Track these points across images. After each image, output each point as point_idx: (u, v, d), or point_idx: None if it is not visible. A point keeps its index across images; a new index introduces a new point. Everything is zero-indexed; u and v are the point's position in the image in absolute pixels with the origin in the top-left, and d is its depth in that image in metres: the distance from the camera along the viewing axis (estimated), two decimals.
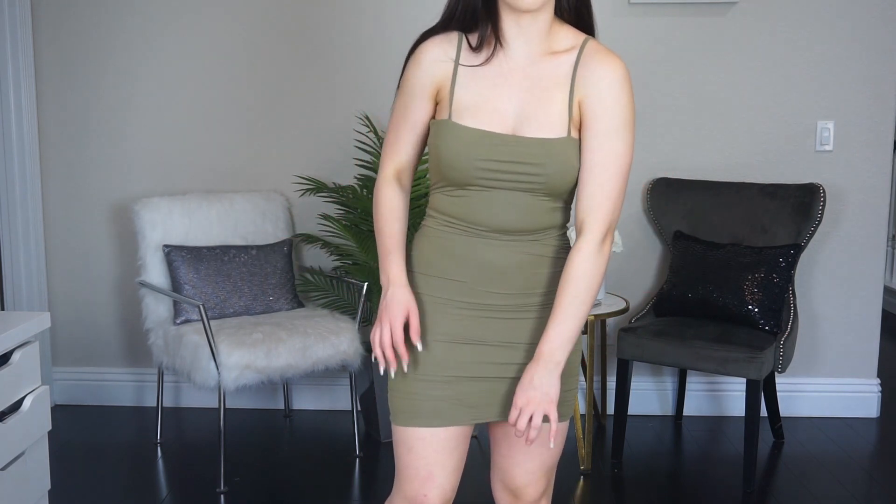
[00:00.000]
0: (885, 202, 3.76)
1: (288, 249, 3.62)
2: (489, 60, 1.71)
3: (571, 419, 3.33)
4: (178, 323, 3.37)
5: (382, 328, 1.73)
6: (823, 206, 3.45)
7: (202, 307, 3.08)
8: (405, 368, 1.75)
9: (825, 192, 3.48)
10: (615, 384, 3.41)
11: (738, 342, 3.16)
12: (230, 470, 3.27)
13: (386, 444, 3.52)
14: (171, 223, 3.51)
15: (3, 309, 3.85)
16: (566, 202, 1.77)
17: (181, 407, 3.93)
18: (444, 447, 1.77)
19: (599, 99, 1.67)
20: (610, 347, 3.80)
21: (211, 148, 3.82)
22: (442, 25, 1.76)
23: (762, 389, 3.37)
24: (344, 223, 3.54)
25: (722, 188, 3.63)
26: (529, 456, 1.83)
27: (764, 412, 3.59)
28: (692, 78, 3.71)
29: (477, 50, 1.72)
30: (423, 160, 1.90)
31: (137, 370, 3.94)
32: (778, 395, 3.61)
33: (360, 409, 3.66)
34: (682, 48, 3.70)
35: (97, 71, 3.79)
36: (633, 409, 3.68)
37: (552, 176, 1.68)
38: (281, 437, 3.70)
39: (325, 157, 3.80)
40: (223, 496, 3.11)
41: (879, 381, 3.87)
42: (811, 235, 3.45)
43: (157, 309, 3.50)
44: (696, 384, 3.86)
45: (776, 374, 3.49)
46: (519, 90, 1.70)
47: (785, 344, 3.28)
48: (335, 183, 3.68)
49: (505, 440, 1.85)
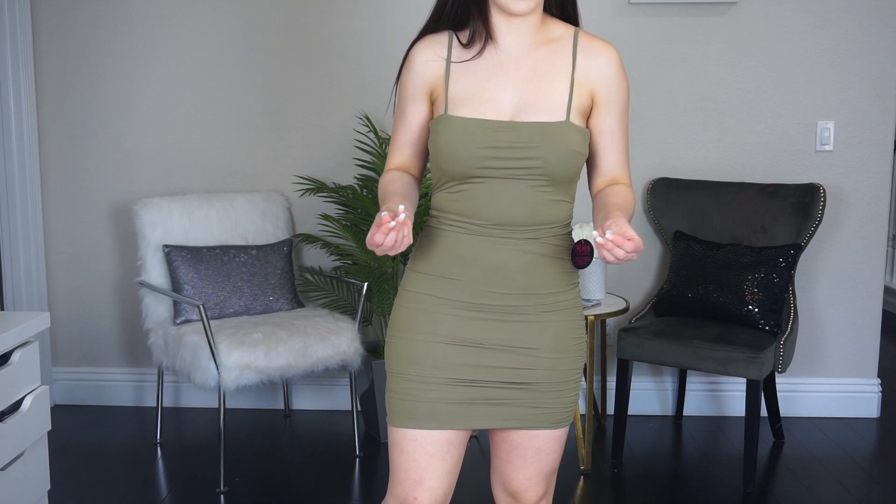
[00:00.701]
0: (885, 202, 3.76)
1: (288, 249, 3.62)
2: (480, 54, 1.73)
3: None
4: (178, 323, 3.37)
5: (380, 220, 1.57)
6: (823, 206, 3.45)
7: (202, 307, 3.08)
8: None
9: (825, 192, 3.48)
10: (615, 384, 3.41)
11: (738, 342, 3.16)
12: (230, 470, 3.27)
13: (386, 444, 3.52)
14: (171, 223, 3.51)
15: (3, 309, 3.85)
16: (568, 196, 1.75)
17: (181, 407, 3.93)
18: (437, 450, 1.75)
19: (609, 84, 1.75)
20: (610, 347, 3.80)
21: (211, 148, 3.82)
22: (432, 23, 1.78)
23: (762, 389, 3.37)
24: (344, 223, 3.54)
25: (722, 188, 3.63)
26: (528, 461, 1.82)
27: (764, 412, 3.59)
28: (692, 78, 3.71)
29: (468, 46, 1.74)
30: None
31: (137, 370, 3.94)
32: (778, 395, 3.61)
33: (360, 409, 3.66)
34: (682, 48, 3.70)
35: (97, 71, 3.79)
36: (633, 409, 3.68)
37: (550, 160, 1.67)
38: (281, 437, 3.70)
39: (325, 157, 3.80)
40: (223, 496, 3.11)
41: (880, 381, 3.87)
42: (811, 235, 3.45)
43: (157, 309, 3.50)
44: (696, 384, 3.86)
45: (776, 374, 3.49)
46: (515, 79, 1.71)
47: (785, 344, 3.28)
48: (335, 183, 3.68)
49: (504, 445, 1.84)
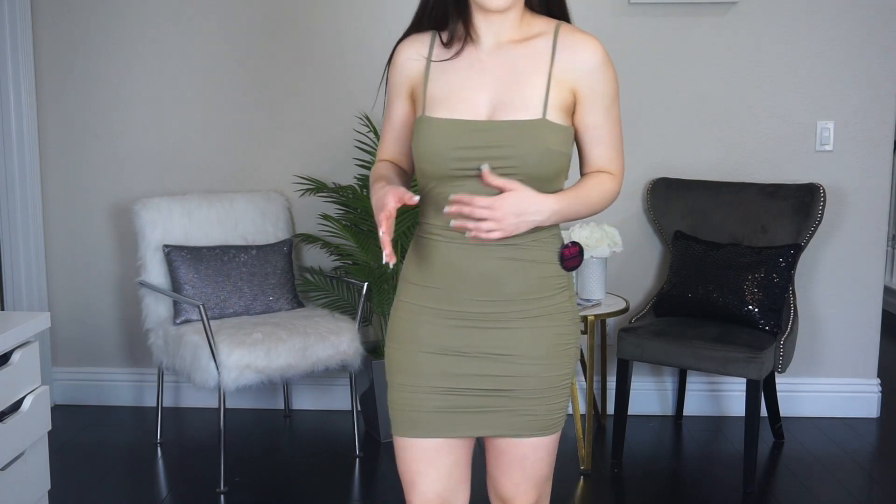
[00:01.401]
0: (885, 202, 3.75)
1: (288, 249, 3.62)
2: (459, 54, 1.73)
3: (571, 420, 3.35)
4: (178, 323, 3.37)
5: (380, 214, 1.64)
6: (823, 206, 3.45)
7: (202, 307, 3.08)
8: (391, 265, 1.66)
9: (825, 192, 3.48)
10: (615, 384, 3.41)
11: (738, 342, 3.16)
12: (230, 470, 3.27)
13: (386, 443, 3.52)
14: (170, 223, 3.51)
15: (3, 309, 3.85)
16: None
17: (181, 407, 3.93)
18: (424, 457, 1.77)
19: (592, 78, 1.70)
20: (610, 347, 3.80)
21: (211, 148, 3.82)
22: (415, 23, 1.80)
23: (762, 389, 3.37)
24: (344, 223, 3.54)
25: (722, 188, 3.63)
26: (514, 468, 1.81)
27: (764, 412, 3.59)
28: (692, 78, 3.71)
29: (448, 45, 1.74)
30: None
31: (137, 370, 3.94)
32: (778, 395, 3.61)
33: (359, 409, 3.66)
34: (681, 48, 3.70)
35: (97, 71, 3.79)
36: (633, 409, 3.68)
37: (526, 158, 1.65)
38: (281, 437, 3.70)
39: (325, 157, 3.80)
40: (223, 496, 3.11)
41: (879, 381, 3.87)
42: (811, 235, 3.45)
43: (157, 309, 3.50)
44: (696, 384, 3.86)
45: (776, 374, 3.49)
46: (492, 78, 1.70)
47: (785, 344, 3.28)
48: (335, 183, 3.68)
49: (492, 451, 1.84)
